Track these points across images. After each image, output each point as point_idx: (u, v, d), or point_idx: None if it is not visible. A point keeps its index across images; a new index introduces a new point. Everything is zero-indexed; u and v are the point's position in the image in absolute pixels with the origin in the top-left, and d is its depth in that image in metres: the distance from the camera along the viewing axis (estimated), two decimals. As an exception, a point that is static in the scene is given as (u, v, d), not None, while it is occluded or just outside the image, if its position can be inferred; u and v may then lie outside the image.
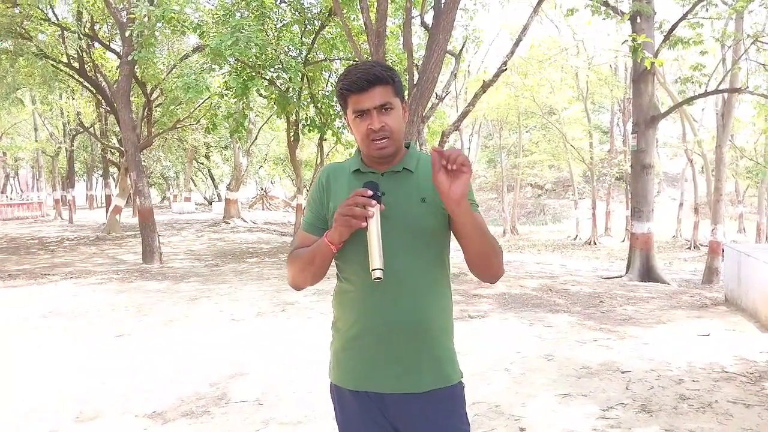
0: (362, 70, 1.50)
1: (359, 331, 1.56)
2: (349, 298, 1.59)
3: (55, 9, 14.40)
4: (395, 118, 1.54)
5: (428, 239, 1.55)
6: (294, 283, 1.65)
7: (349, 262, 1.57)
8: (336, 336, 1.65)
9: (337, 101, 1.61)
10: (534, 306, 6.82)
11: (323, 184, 1.64)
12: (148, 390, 4.04)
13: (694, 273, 13.47)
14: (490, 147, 34.24)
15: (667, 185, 34.35)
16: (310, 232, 1.63)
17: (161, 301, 7.27)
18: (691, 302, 7.20)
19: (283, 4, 12.50)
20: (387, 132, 1.52)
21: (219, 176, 37.79)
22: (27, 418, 3.61)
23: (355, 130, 1.56)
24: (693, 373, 4.24)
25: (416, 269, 1.54)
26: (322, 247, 1.50)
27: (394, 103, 1.53)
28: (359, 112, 1.51)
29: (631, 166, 11.52)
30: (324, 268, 1.55)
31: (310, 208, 1.66)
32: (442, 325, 1.59)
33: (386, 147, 1.53)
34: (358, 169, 1.60)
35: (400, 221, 1.52)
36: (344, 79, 1.52)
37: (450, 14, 7.93)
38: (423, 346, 1.54)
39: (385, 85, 1.51)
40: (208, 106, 14.72)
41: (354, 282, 1.57)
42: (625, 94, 22.41)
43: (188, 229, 19.75)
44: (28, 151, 30.07)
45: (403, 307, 1.52)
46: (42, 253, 13.45)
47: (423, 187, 1.56)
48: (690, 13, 10.91)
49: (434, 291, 1.58)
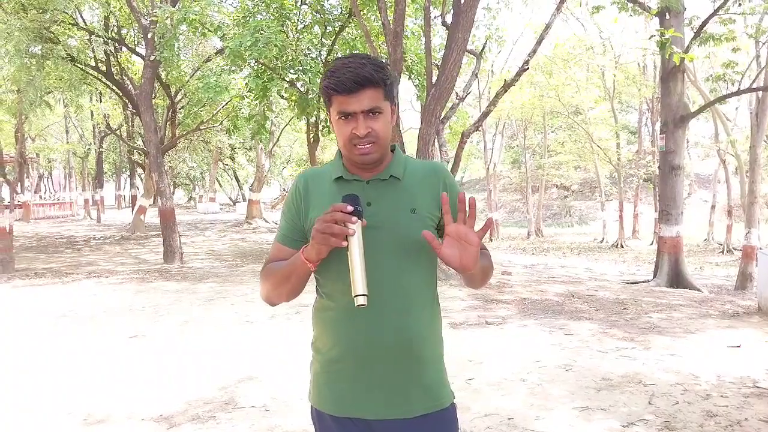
0: (351, 69, 1.35)
1: (341, 353, 1.43)
2: (329, 317, 1.46)
3: (84, 14, 14.66)
4: (383, 123, 1.40)
5: (418, 253, 1.41)
6: (268, 300, 1.52)
7: (329, 278, 1.44)
8: (316, 357, 1.52)
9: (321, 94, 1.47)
10: (555, 312, 6.62)
11: (301, 192, 1.49)
12: (156, 393, 3.99)
13: (726, 278, 13.05)
14: (514, 147, 33.81)
15: (699, 187, 33.49)
16: (285, 244, 1.49)
17: (178, 301, 7.26)
18: (722, 310, 6.91)
19: (304, 5, 12.48)
20: (373, 138, 1.38)
21: (244, 177, 38.11)
22: (35, 419, 3.59)
23: (337, 132, 1.42)
24: (722, 387, 4.03)
25: (404, 286, 1.41)
26: (298, 264, 1.36)
27: (383, 108, 1.39)
28: (344, 114, 1.37)
29: (659, 167, 11.19)
30: (300, 286, 1.42)
31: (285, 218, 1.52)
32: (432, 345, 1.46)
33: (370, 152, 1.39)
34: (341, 177, 1.46)
35: (388, 234, 1.39)
36: (331, 77, 1.37)
37: (469, 13, 7.78)
38: (412, 369, 1.41)
39: (375, 87, 1.36)
40: (231, 108, 14.79)
41: (335, 299, 1.43)
42: (654, 93, 21.88)
43: (211, 229, 19.91)
44: (59, 152, 30.70)
45: (389, 328, 1.39)
46: (69, 251, 13.66)
47: (412, 197, 1.43)
48: (722, 8, 10.55)
49: (423, 309, 1.45)
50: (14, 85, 14.51)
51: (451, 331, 5.65)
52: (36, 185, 35.66)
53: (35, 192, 34.32)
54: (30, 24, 11.13)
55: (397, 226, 1.40)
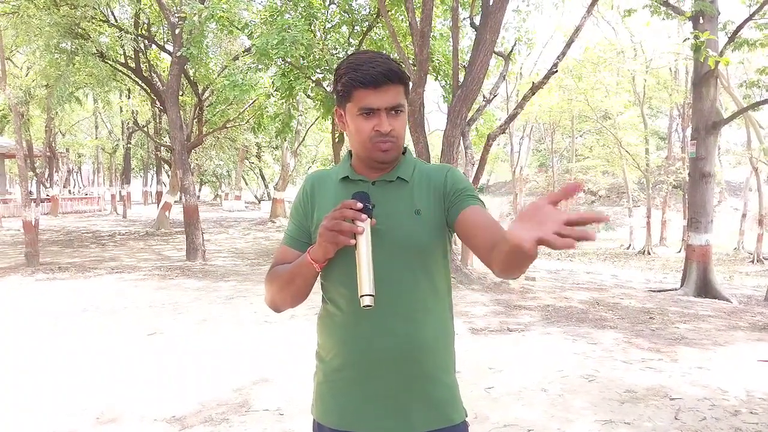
0: (378, 63, 1.29)
1: (344, 362, 1.37)
2: (333, 324, 1.40)
3: (114, 11, 14.88)
4: (403, 122, 1.36)
5: (423, 257, 1.35)
6: (273, 305, 1.45)
7: (334, 282, 1.37)
8: (319, 366, 1.46)
9: (333, 89, 1.40)
10: (579, 320, 6.47)
11: (308, 193, 1.45)
12: (171, 393, 3.98)
13: (756, 288, 12.68)
14: (541, 151, 33.47)
15: (730, 195, 32.71)
16: (292, 246, 1.43)
17: (198, 299, 7.29)
18: (752, 323, 6.69)
19: (333, 5, 12.48)
20: (393, 137, 1.33)
21: (270, 176, 38.39)
22: (49, 415, 3.60)
23: (355, 129, 1.35)
24: (751, 403, 3.87)
25: (410, 292, 1.34)
26: (303, 265, 1.31)
27: (404, 106, 1.35)
28: (367, 110, 1.31)
29: (689, 174, 10.93)
30: (306, 289, 1.36)
31: (292, 220, 1.47)
32: (440, 356, 1.38)
33: (391, 150, 1.34)
34: (347, 177, 1.40)
35: (391, 237, 1.32)
36: (353, 70, 1.30)
37: (498, 15, 7.67)
38: (416, 381, 1.34)
39: (399, 84, 1.32)
40: (257, 106, 14.87)
41: (340, 305, 1.37)
42: (685, 98, 21.42)
43: (235, 227, 20.05)
44: (88, 147, 31.28)
45: (393, 336, 1.32)
46: (93, 246, 13.86)
47: (417, 199, 1.37)
48: (757, 13, 10.26)
49: (431, 317, 1.37)
50: (44, 80, 14.77)
51: (472, 336, 5.56)
52: (65, 180, 36.35)
53: (64, 186, 35.00)
54: (61, 20, 11.31)
55: (400, 229, 1.34)
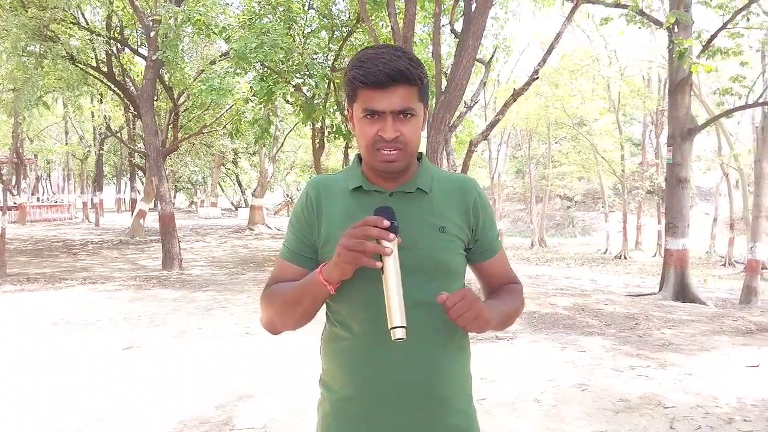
0: (384, 61, 1.15)
1: (356, 392, 1.23)
2: (343, 349, 1.26)
3: (85, 13, 14.52)
4: (414, 127, 1.20)
5: (447, 278, 1.23)
6: (271, 327, 1.29)
7: (346, 302, 1.24)
8: (325, 395, 1.31)
9: (342, 86, 1.29)
10: (566, 327, 6.43)
11: (312, 201, 1.29)
12: (149, 411, 3.79)
13: (730, 292, 12.87)
14: (518, 157, 33.72)
15: (700, 200, 33.37)
16: (292, 261, 1.29)
17: (176, 310, 7.06)
18: (734, 327, 6.72)
19: (312, 10, 12.35)
20: (400, 143, 1.18)
21: (246, 182, 37.96)
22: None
23: (359, 132, 1.21)
24: (744, 410, 3.83)
25: (430, 315, 1.20)
26: (314, 285, 1.16)
27: (416, 110, 1.19)
28: (370, 112, 1.17)
29: (666, 179, 11.05)
30: (314, 311, 1.22)
31: (293, 231, 1.31)
32: (460, 384, 1.27)
33: (395, 160, 1.19)
34: (360, 187, 1.26)
35: (412, 254, 1.19)
36: (359, 66, 1.17)
37: (481, 20, 7.63)
38: (437, 410, 1.22)
39: (410, 85, 1.17)
40: (234, 111, 14.64)
41: (351, 328, 1.24)
42: (658, 106, 21.82)
43: (212, 235, 19.72)
44: (58, 153, 30.54)
45: (413, 363, 1.20)
46: (64, 256, 13.46)
47: (440, 213, 1.24)
48: (730, 22, 10.44)
49: (453, 342, 1.26)
50: (11, 84, 14.34)
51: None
52: (34, 187, 35.43)
53: (32, 194, 34.11)
54: (29, 21, 10.97)
55: (423, 246, 1.21)
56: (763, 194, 12.55)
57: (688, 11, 10.17)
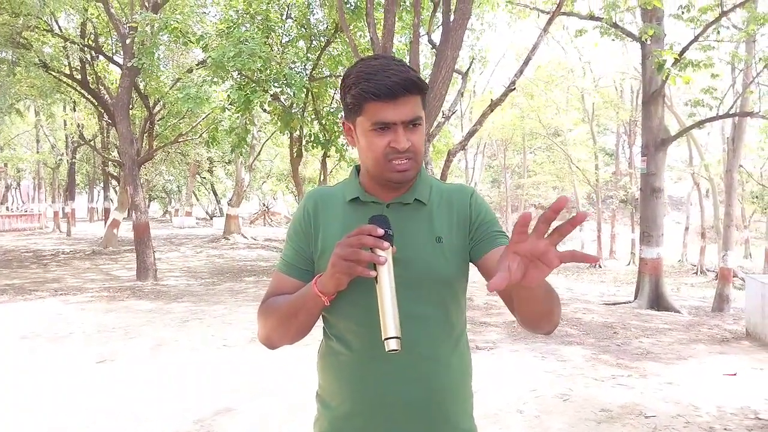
0: (395, 72, 1.13)
1: (354, 409, 1.20)
2: (340, 363, 1.23)
3: (59, 21, 14.28)
4: (421, 136, 1.20)
5: (444, 290, 1.20)
6: (267, 341, 1.26)
7: (343, 316, 1.21)
8: (322, 412, 1.27)
9: (341, 100, 1.23)
10: (545, 336, 6.44)
11: (310, 213, 1.27)
12: (124, 427, 3.68)
13: (702, 300, 13.11)
14: (494, 167, 34.03)
15: (672, 208, 34.04)
16: (289, 274, 1.25)
17: (151, 322, 6.91)
18: (710, 335, 6.82)
19: (289, 19, 12.33)
20: (411, 153, 1.17)
21: (222, 191, 37.60)
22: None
23: (366, 145, 1.18)
24: (724, 419, 3.87)
25: (430, 329, 1.19)
26: (309, 297, 1.13)
27: (423, 118, 1.19)
28: (381, 125, 1.15)
29: (641, 189, 11.22)
30: (310, 324, 1.19)
31: (291, 244, 1.28)
32: (461, 399, 1.24)
33: (409, 169, 1.18)
34: (357, 198, 1.24)
35: (410, 267, 1.17)
36: (366, 80, 1.14)
37: (459, 31, 7.68)
38: (438, 427, 1.19)
39: (417, 95, 1.17)
40: (211, 120, 14.50)
41: (349, 343, 1.21)
42: (631, 116, 22.24)
43: (187, 245, 19.43)
44: (29, 162, 29.91)
45: (415, 379, 1.17)
46: (35, 266, 13.13)
47: (438, 224, 1.22)
48: (701, 35, 10.68)
49: (453, 355, 1.23)
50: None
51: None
52: (3, 196, 34.60)
53: (1, 203, 33.29)
54: (1, 28, 10.75)
55: (420, 258, 1.18)
56: (733, 204, 12.86)
57: (660, 24, 10.39)
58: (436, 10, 10.06)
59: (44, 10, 11.61)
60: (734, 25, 13.77)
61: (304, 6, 11.90)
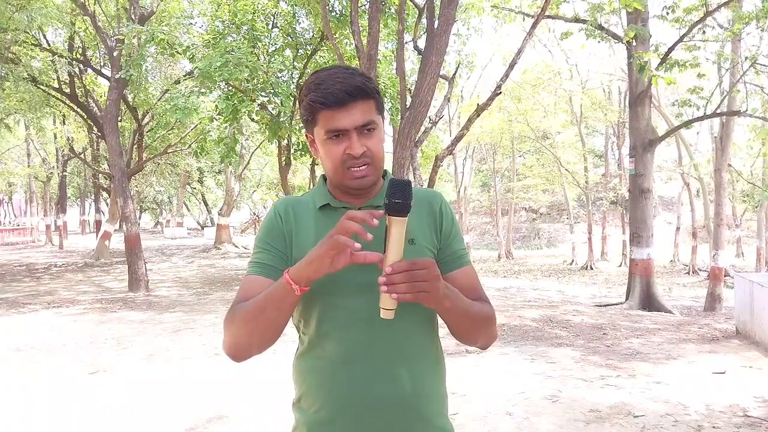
0: (340, 80, 1.16)
1: (332, 414, 1.20)
2: (317, 368, 1.23)
3: (47, 35, 14.28)
4: (378, 140, 1.22)
5: None
6: (234, 349, 1.20)
7: (318, 317, 1.22)
8: (300, 420, 1.27)
9: (300, 113, 1.25)
10: (535, 339, 6.49)
11: (282, 219, 1.25)
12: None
13: (694, 300, 13.18)
14: (483, 171, 34.15)
15: (663, 209, 34.22)
16: (265, 275, 1.21)
17: (143, 332, 6.91)
18: (700, 334, 6.88)
19: (275, 29, 12.37)
20: (368, 158, 1.19)
21: (212, 201, 37.52)
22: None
23: (324, 154, 1.21)
24: (712, 417, 3.91)
25: (407, 330, 1.21)
26: (279, 287, 1.10)
27: (377, 122, 1.21)
28: (335, 132, 1.18)
29: (629, 190, 11.31)
30: (280, 322, 1.14)
31: (263, 247, 1.25)
32: (437, 401, 1.26)
33: (367, 175, 1.20)
34: (328, 204, 1.26)
35: None
36: (316, 89, 1.17)
37: (443, 36, 7.73)
38: (414, 425, 1.21)
39: (367, 99, 1.19)
40: (199, 130, 14.51)
41: (325, 346, 1.21)
42: (619, 118, 22.37)
43: (178, 255, 19.39)
44: (20, 176, 29.77)
45: (394, 381, 1.19)
46: (27, 280, 13.07)
47: (410, 226, 1.21)
48: (686, 35, 10.81)
49: (428, 356, 1.26)
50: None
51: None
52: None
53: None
54: (-11, 43, 10.75)
55: None
56: (723, 203, 12.95)
57: (646, 25, 10.50)
58: (421, 17, 10.12)
59: (32, 25, 11.62)
60: (720, 25, 13.94)
61: (289, 15, 11.95)
